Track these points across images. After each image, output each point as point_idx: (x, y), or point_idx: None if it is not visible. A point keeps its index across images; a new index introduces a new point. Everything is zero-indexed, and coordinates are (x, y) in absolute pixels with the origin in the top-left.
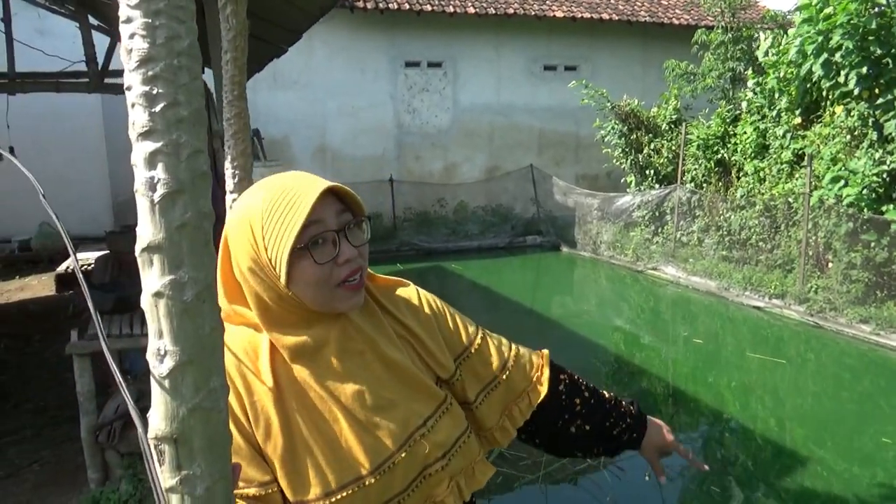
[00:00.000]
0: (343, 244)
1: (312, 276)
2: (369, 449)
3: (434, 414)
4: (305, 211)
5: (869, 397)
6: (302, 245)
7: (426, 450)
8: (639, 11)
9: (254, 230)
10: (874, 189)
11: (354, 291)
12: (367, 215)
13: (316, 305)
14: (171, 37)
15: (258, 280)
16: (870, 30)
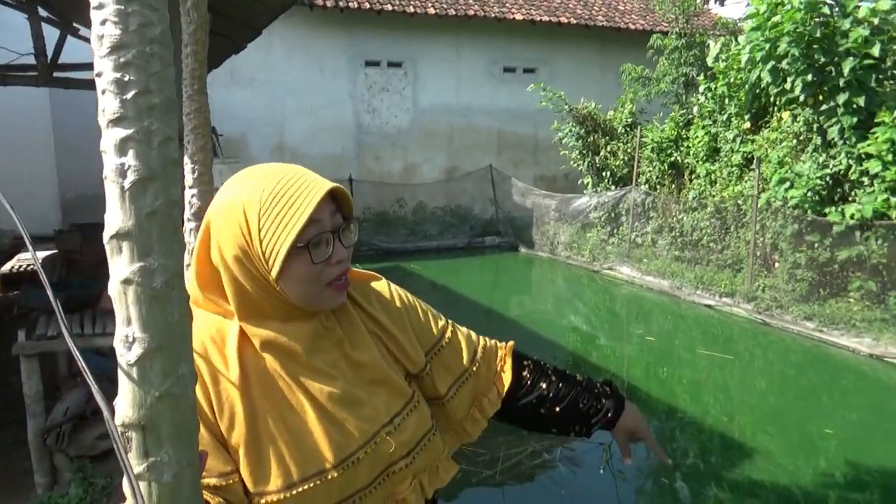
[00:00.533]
0: (336, 246)
1: (305, 275)
2: (334, 443)
3: (401, 412)
4: (310, 209)
5: (812, 391)
6: (302, 244)
7: (391, 447)
8: (596, 16)
9: (248, 218)
10: (818, 192)
11: (340, 291)
12: (356, 217)
13: (300, 301)
14: (144, 24)
15: (243, 269)
16: (814, 38)
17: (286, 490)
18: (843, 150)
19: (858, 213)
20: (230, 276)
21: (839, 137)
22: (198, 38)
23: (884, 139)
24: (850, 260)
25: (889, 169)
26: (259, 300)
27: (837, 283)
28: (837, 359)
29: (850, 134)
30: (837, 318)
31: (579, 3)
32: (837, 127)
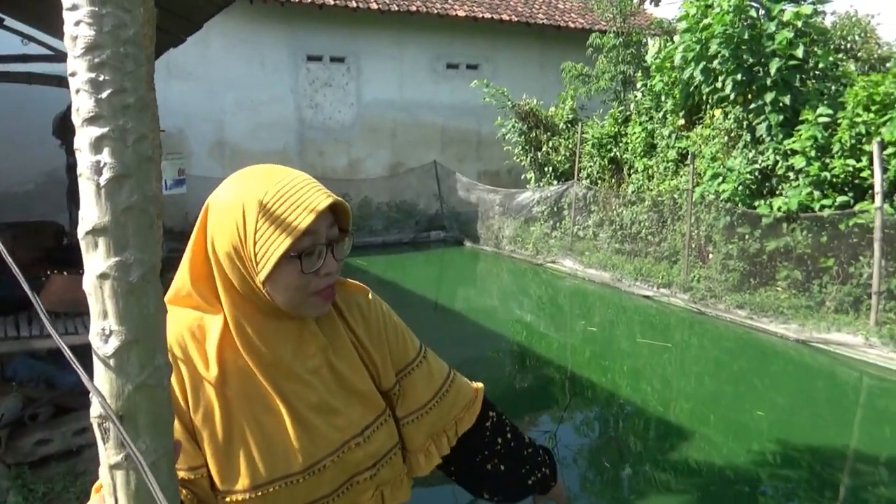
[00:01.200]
0: (328, 257)
1: (293, 283)
2: (303, 449)
3: (372, 424)
4: (308, 220)
5: (744, 376)
6: (295, 254)
7: (358, 458)
8: (537, 14)
9: (246, 219)
10: (748, 186)
11: (326, 301)
12: (351, 230)
13: (285, 306)
14: (118, 25)
15: (232, 266)
16: (743, 40)
17: (253, 490)
18: (771, 146)
19: (785, 205)
20: (220, 269)
21: (767, 134)
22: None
23: (807, 136)
24: (778, 250)
25: (812, 164)
26: (245, 298)
27: (766, 273)
28: (767, 344)
29: (776, 131)
30: (767, 306)
31: (520, 1)
32: (765, 124)
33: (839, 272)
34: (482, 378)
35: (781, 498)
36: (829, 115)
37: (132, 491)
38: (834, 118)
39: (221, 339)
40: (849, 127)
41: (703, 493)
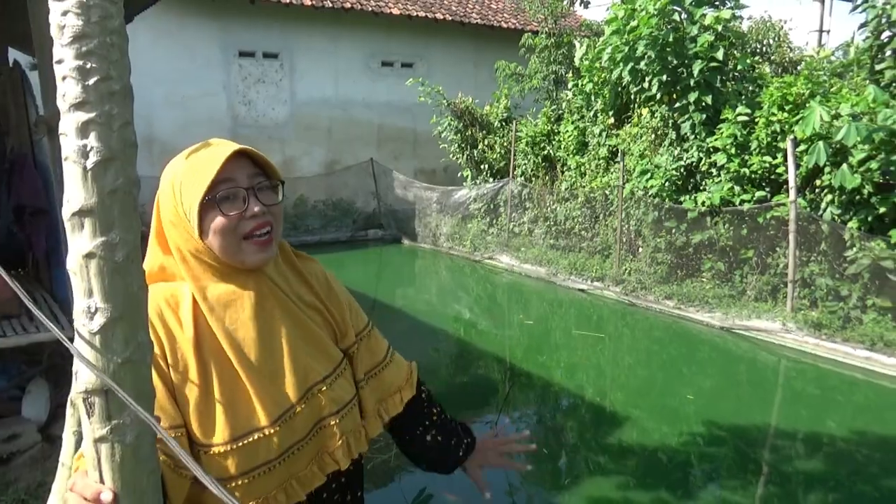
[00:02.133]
0: (251, 200)
1: (220, 226)
2: (272, 400)
3: (332, 374)
4: (215, 168)
5: (673, 362)
6: (210, 198)
7: (323, 403)
8: (471, 13)
9: (174, 186)
10: (674, 182)
11: (261, 246)
12: (282, 180)
13: (225, 256)
14: (105, 16)
15: (178, 232)
16: (667, 42)
17: (232, 442)
18: (695, 143)
19: (709, 200)
20: (173, 241)
21: (691, 132)
22: None
23: (728, 134)
24: (703, 243)
25: (733, 161)
26: (197, 263)
27: (692, 265)
28: (694, 332)
29: (700, 129)
30: (693, 296)
31: (455, 1)
32: (689, 123)
33: (758, 263)
34: (422, 373)
35: (711, 474)
36: (748, 115)
37: (117, 463)
38: (752, 117)
39: (194, 304)
40: (765, 125)
41: (638, 475)
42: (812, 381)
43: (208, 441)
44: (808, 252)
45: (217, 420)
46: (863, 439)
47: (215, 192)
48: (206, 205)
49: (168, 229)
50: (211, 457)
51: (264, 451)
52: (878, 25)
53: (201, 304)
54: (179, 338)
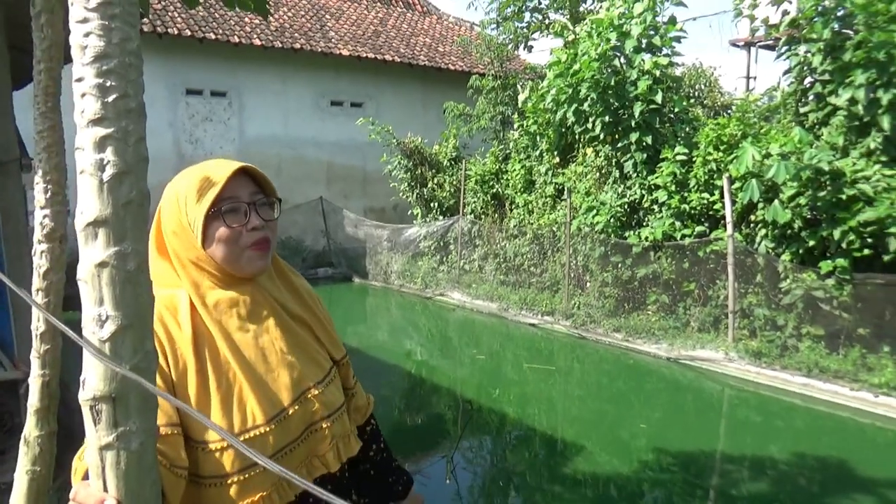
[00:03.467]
0: (252, 215)
1: (224, 236)
2: (267, 399)
3: (323, 380)
4: (221, 184)
5: (624, 394)
6: (215, 210)
7: (315, 407)
8: (418, 56)
9: (178, 199)
10: (619, 218)
11: (260, 254)
12: (279, 198)
13: (226, 264)
14: (125, 38)
15: (179, 241)
16: (609, 85)
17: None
18: (637, 181)
19: (651, 235)
20: (173, 249)
21: (633, 171)
22: (52, 56)
23: (668, 172)
24: (647, 277)
25: (673, 198)
26: (198, 270)
27: (638, 298)
28: (642, 364)
29: (641, 168)
30: (640, 329)
31: (402, 43)
32: (631, 162)
33: (700, 295)
34: (376, 410)
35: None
36: (686, 154)
37: (122, 470)
38: (689, 156)
39: (191, 309)
40: (702, 164)
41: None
42: (754, 408)
43: (206, 438)
44: (746, 284)
45: (214, 416)
46: (803, 462)
47: (220, 206)
48: (210, 217)
49: (169, 238)
50: (208, 454)
51: (259, 448)
52: (800, 72)
53: (199, 309)
54: (178, 338)
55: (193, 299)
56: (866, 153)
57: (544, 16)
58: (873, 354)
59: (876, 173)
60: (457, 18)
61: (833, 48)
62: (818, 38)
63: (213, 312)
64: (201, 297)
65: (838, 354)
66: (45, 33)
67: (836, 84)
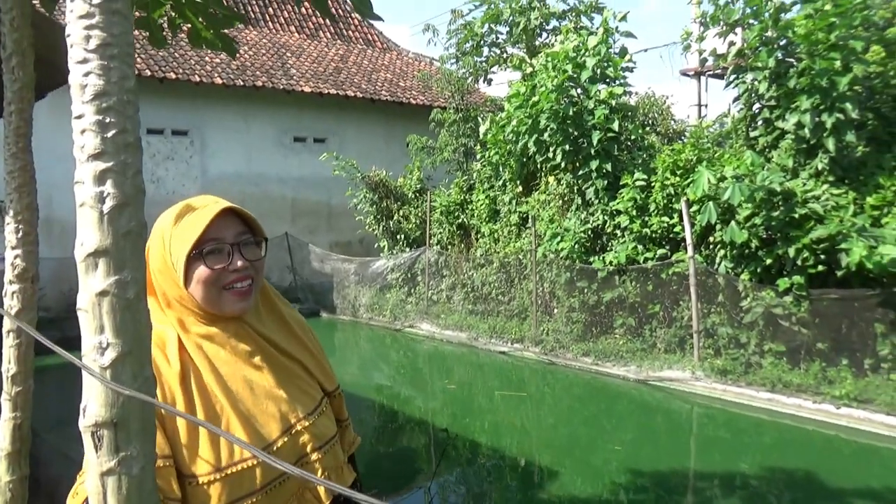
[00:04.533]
0: (235, 255)
1: (204, 278)
2: (253, 433)
3: (313, 412)
4: (203, 225)
5: (595, 417)
6: (196, 252)
7: (306, 439)
8: (380, 91)
9: (164, 237)
10: (583, 243)
11: (240, 297)
12: (265, 237)
13: (206, 304)
14: (123, 77)
15: (164, 278)
16: (567, 115)
17: (216, 472)
18: (599, 207)
19: (615, 259)
20: (159, 287)
21: (595, 197)
22: (23, 97)
23: (628, 198)
24: (613, 300)
25: (634, 222)
26: (182, 308)
27: (605, 322)
28: (612, 386)
29: (602, 194)
30: (608, 352)
31: (364, 79)
32: (592, 189)
33: (665, 316)
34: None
35: None
36: (644, 180)
37: (123, 496)
38: (648, 182)
39: (179, 345)
40: (660, 189)
41: None
42: (723, 424)
43: (194, 472)
44: (709, 304)
45: (202, 450)
46: (773, 476)
47: (202, 247)
48: (192, 257)
49: (155, 276)
50: (197, 487)
51: (248, 482)
52: (748, 99)
53: (186, 344)
54: (166, 373)
55: (181, 336)
56: (815, 174)
57: (502, 50)
58: (833, 367)
59: (825, 193)
60: (416, 54)
61: (778, 75)
62: (763, 66)
63: (199, 349)
64: (187, 333)
65: (800, 369)
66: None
67: (782, 109)
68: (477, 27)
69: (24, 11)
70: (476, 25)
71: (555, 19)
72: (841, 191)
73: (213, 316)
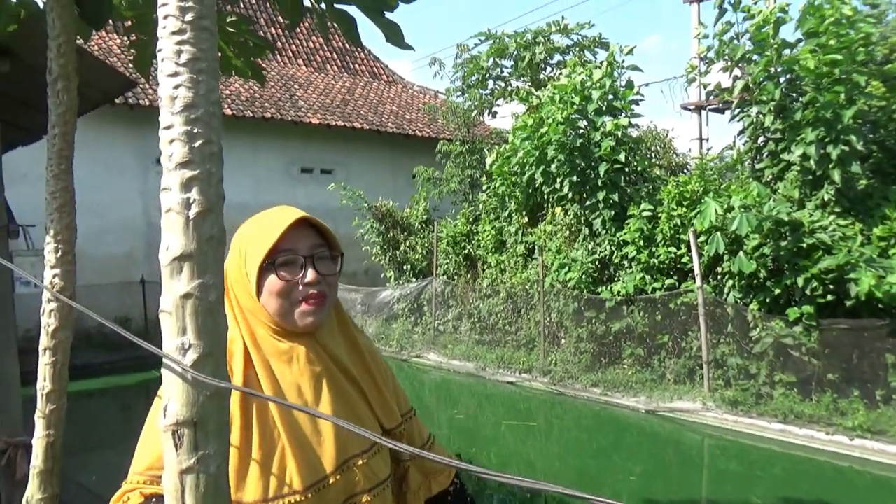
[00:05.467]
0: (308, 269)
1: (276, 289)
2: (308, 464)
3: (370, 450)
4: (277, 235)
5: (606, 448)
6: (269, 262)
7: (358, 477)
8: (386, 123)
9: (241, 247)
10: (590, 274)
11: (313, 309)
12: (341, 252)
13: (277, 316)
14: (210, 90)
15: (240, 288)
16: (575, 147)
17: (263, 502)
18: (606, 238)
19: (623, 289)
20: (235, 297)
21: (602, 228)
22: (67, 120)
23: (635, 228)
24: (622, 331)
25: (642, 252)
26: (255, 319)
27: (614, 352)
28: (622, 417)
29: (610, 225)
30: (617, 382)
31: (370, 111)
32: (600, 219)
33: (674, 347)
34: None
35: None
36: (651, 210)
37: (200, 493)
38: (655, 212)
39: (245, 357)
40: (667, 220)
41: None
42: (735, 456)
43: (240, 498)
44: (718, 334)
45: (251, 477)
46: None
47: (275, 258)
48: (265, 268)
49: (231, 286)
50: None
51: None
52: (753, 131)
53: (253, 359)
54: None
55: (249, 348)
56: (821, 205)
57: (507, 83)
58: (844, 399)
59: (832, 223)
60: (421, 87)
61: (783, 108)
62: (768, 99)
63: (266, 365)
64: (257, 347)
65: (811, 400)
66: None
67: (788, 141)
68: (483, 61)
69: (70, 38)
70: (482, 59)
71: (559, 54)
72: (847, 221)
73: (285, 331)
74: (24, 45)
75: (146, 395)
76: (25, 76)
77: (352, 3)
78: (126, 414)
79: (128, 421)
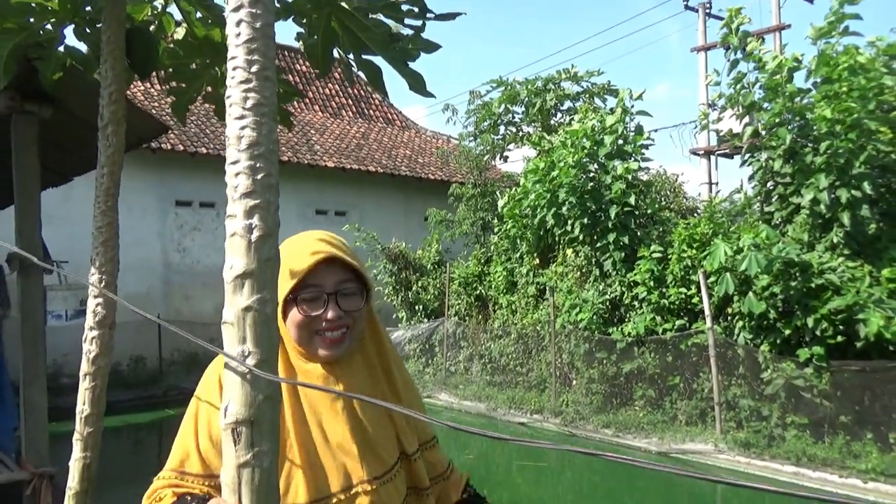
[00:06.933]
0: (331, 305)
1: (296, 321)
2: (313, 483)
3: (381, 477)
4: (302, 272)
5: (619, 489)
6: (291, 297)
7: (364, 502)
8: (400, 167)
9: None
10: (601, 314)
11: (331, 344)
12: (370, 287)
13: (298, 342)
14: (270, 130)
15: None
16: (586, 189)
17: None
18: (617, 279)
19: (634, 330)
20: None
21: (613, 269)
22: (114, 161)
23: (645, 269)
24: (633, 372)
25: (652, 293)
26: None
27: (625, 393)
28: None
29: (620, 266)
30: (629, 424)
31: (384, 155)
32: (610, 261)
33: (685, 388)
34: None
35: None
36: (661, 252)
37: (255, 485)
38: (665, 254)
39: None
40: (677, 261)
41: None
42: (748, 500)
43: None
44: (729, 375)
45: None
46: None
47: (299, 293)
48: (288, 300)
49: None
50: None
51: None
52: (763, 176)
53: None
54: None
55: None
56: (830, 247)
57: (518, 129)
58: (857, 441)
59: (841, 265)
60: (434, 132)
61: (793, 153)
62: (778, 144)
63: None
64: (284, 364)
65: (824, 442)
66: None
67: (797, 185)
68: (494, 107)
69: (120, 87)
70: (494, 105)
71: (569, 100)
72: (856, 263)
73: (307, 355)
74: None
75: (159, 434)
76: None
77: (378, 53)
78: (139, 450)
79: (142, 458)
